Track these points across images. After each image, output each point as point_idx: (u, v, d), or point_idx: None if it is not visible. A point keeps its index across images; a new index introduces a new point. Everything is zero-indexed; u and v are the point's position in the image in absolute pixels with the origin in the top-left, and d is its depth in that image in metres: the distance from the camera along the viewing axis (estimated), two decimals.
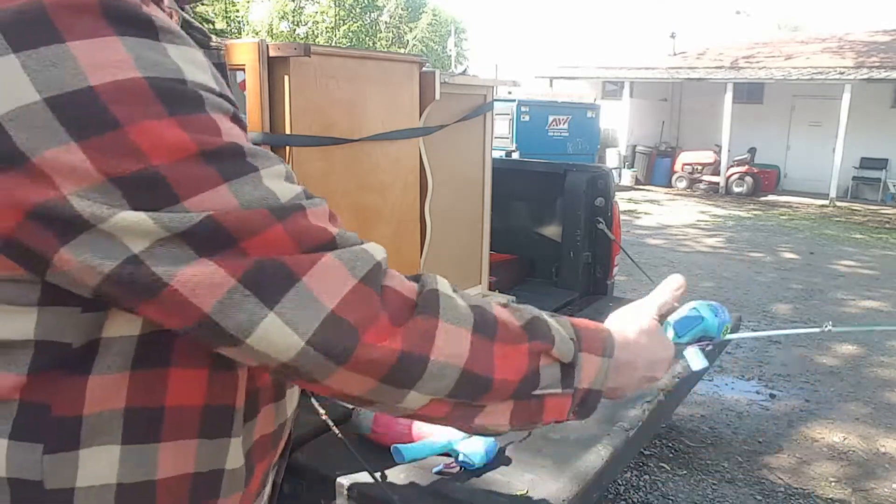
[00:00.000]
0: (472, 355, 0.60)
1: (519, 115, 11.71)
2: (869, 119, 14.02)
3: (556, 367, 0.67)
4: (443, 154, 2.67)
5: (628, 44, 22.56)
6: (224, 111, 0.55)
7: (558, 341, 0.66)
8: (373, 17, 24.62)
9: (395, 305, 0.57)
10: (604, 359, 0.71)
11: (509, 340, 0.63)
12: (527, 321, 0.66)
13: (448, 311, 0.60)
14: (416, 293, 0.60)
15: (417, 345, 0.57)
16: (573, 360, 0.68)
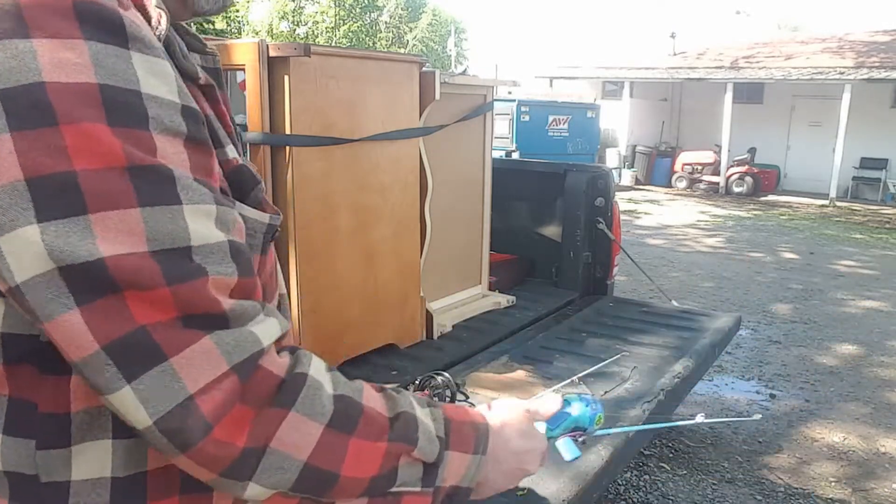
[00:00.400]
0: (319, 450, 0.58)
1: (519, 115, 11.71)
2: (869, 119, 14.02)
3: (419, 466, 0.65)
4: (443, 154, 2.67)
5: (628, 44, 22.57)
6: (174, 132, 0.54)
7: (422, 442, 0.65)
8: (373, 17, 24.61)
9: (257, 392, 0.55)
10: (475, 456, 0.70)
11: (369, 436, 0.61)
12: (396, 415, 0.64)
13: (306, 401, 0.57)
14: (286, 371, 0.58)
15: (261, 437, 0.55)
16: (437, 459, 0.66)
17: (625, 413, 2.01)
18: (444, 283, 2.84)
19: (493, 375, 2.32)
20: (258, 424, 0.55)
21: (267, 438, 0.55)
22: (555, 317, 3.07)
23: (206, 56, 0.80)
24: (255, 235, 0.65)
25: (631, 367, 2.38)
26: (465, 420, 0.71)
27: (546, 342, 2.69)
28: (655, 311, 3.25)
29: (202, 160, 0.57)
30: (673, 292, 5.60)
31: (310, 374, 0.59)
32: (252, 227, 0.64)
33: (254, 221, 0.64)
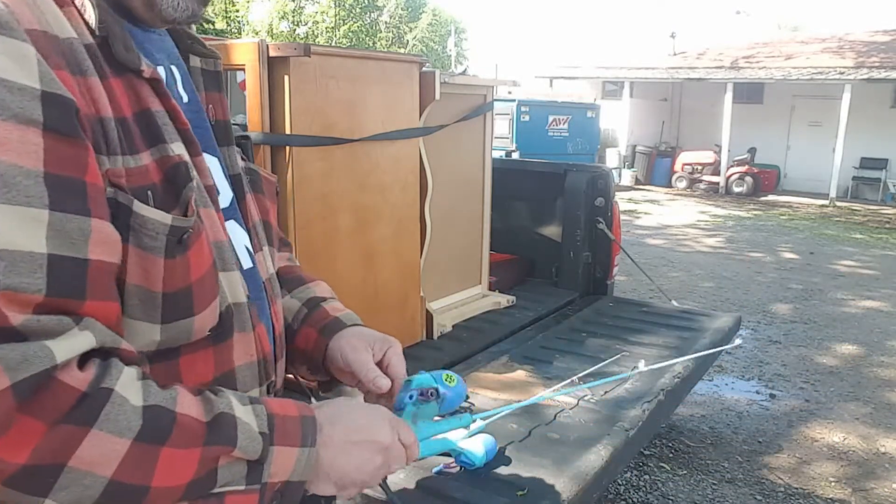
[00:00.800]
0: (125, 465, 0.56)
1: (519, 115, 11.71)
2: (869, 119, 14.02)
3: (242, 465, 0.64)
4: (443, 154, 2.67)
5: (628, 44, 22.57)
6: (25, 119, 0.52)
7: (243, 441, 0.64)
8: (373, 17, 24.61)
9: (49, 408, 0.53)
10: (303, 449, 0.68)
11: (182, 444, 0.60)
12: (213, 417, 0.63)
13: (109, 418, 0.55)
14: (89, 385, 0.55)
15: (54, 454, 0.53)
16: (262, 456, 0.65)
17: (625, 413, 2.01)
18: (444, 283, 2.84)
19: (493, 375, 2.32)
20: (50, 441, 0.52)
21: (64, 456, 0.53)
22: (555, 317, 3.07)
23: (207, 59, 0.81)
24: (157, 237, 0.62)
25: (631, 367, 2.38)
26: (289, 414, 0.69)
27: (546, 342, 2.69)
28: (655, 311, 3.25)
29: (69, 153, 0.55)
30: (673, 292, 5.60)
31: (115, 388, 0.56)
32: (153, 227, 0.62)
33: (154, 222, 0.62)
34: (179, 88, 0.75)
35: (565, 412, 2.01)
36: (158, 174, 0.64)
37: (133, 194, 0.61)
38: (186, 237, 0.64)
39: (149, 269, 0.62)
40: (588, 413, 2.02)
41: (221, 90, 0.83)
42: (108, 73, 0.62)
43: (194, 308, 0.66)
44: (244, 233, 0.81)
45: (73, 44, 0.60)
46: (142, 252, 0.62)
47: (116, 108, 0.62)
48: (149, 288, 0.63)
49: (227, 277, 0.72)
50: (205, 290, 0.68)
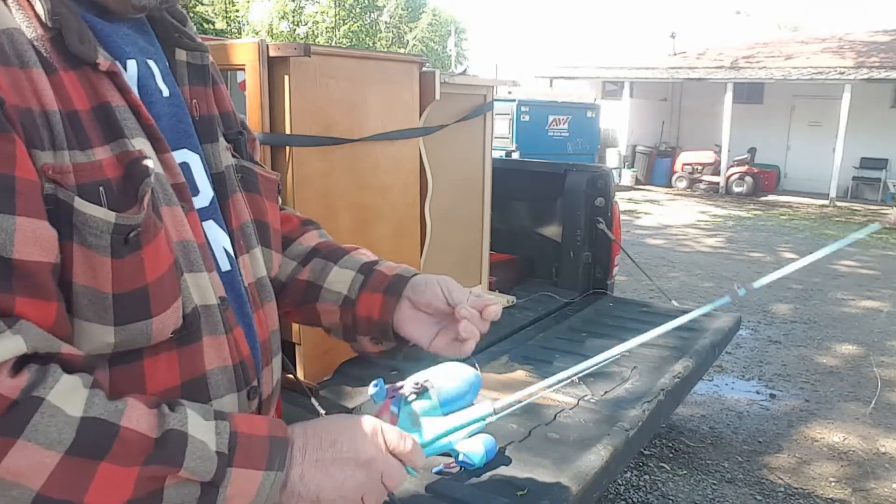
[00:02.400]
0: (55, 479, 0.53)
1: (519, 115, 11.71)
2: (869, 119, 14.02)
3: (194, 486, 0.60)
4: (443, 154, 2.67)
5: (628, 44, 22.55)
6: None
7: (191, 461, 0.59)
8: (373, 17, 24.61)
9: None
10: (268, 473, 0.64)
11: (122, 461, 0.56)
12: (163, 433, 0.59)
13: (39, 428, 0.53)
14: (20, 393, 0.53)
15: None
16: (216, 478, 0.61)
17: (625, 413, 2.01)
18: None
19: (493, 375, 2.32)
20: None
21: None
22: (555, 317, 3.07)
23: (193, 53, 0.79)
24: (101, 236, 0.59)
25: (631, 368, 2.38)
26: (257, 433, 0.65)
27: (546, 342, 2.69)
28: (655, 311, 3.25)
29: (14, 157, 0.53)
30: (673, 292, 5.60)
31: (48, 397, 0.54)
32: (96, 225, 0.59)
33: (97, 220, 0.59)
34: (158, 82, 0.72)
35: (565, 412, 2.01)
36: (117, 169, 0.62)
37: (80, 190, 0.59)
38: (134, 236, 0.61)
39: (96, 269, 0.60)
40: (588, 413, 2.02)
41: (207, 84, 0.81)
42: (56, 67, 0.60)
43: (152, 309, 0.63)
44: (224, 234, 0.77)
45: (13, 34, 0.58)
46: (87, 251, 0.59)
47: (65, 102, 0.60)
48: (97, 288, 0.60)
49: (193, 279, 0.68)
50: (163, 291, 0.64)
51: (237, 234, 0.80)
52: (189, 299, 0.67)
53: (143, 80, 0.70)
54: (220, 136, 0.81)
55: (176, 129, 0.73)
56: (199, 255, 0.70)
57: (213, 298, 0.71)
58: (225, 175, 0.79)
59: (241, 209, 0.82)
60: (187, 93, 0.77)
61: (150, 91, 0.70)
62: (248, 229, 0.82)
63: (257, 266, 0.83)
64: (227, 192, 0.79)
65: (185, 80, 0.78)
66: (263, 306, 0.82)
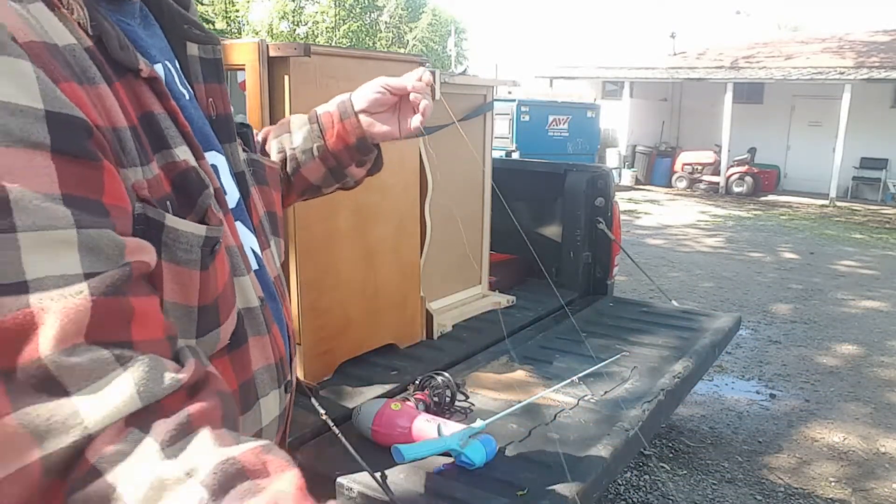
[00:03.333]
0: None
1: (519, 115, 11.71)
2: (869, 119, 14.02)
3: None
4: (443, 154, 2.67)
5: (628, 44, 22.55)
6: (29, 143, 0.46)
7: None
8: (373, 17, 24.61)
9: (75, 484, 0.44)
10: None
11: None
12: None
13: None
14: None
15: None
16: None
17: (624, 413, 2.01)
18: (444, 283, 2.84)
19: (493, 375, 2.32)
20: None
21: None
22: (555, 317, 3.07)
23: (205, 46, 0.74)
24: (191, 250, 0.58)
25: (631, 367, 2.38)
26: None
27: (546, 342, 2.69)
28: (655, 311, 3.25)
29: (83, 174, 0.49)
30: (673, 292, 5.60)
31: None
32: (187, 240, 0.58)
33: (188, 235, 0.58)
34: (179, 84, 0.68)
35: (565, 412, 2.01)
36: (168, 183, 0.59)
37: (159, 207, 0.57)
38: (217, 247, 0.61)
39: (185, 284, 0.58)
40: (588, 413, 2.01)
41: (222, 80, 0.76)
42: (111, 77, 0.56)
43: (220, 318, 0.63)
44: (251, 234, 0.76)
45: (76, 50, 0.53)
46: (177, 267, 0.57)
47: (127, 116, 0.57)
48: (186, 304, 0.59)
49: (238, 282, 0.68)
50: (228, 298, 0.64)
51: (259, 230, 0.79)
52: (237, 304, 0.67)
53: (169, 85, 0.66)
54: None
55: (202, 132, 0.70)
56: (239, 258, 0.69)
57: (255, 300, 0.70)
58: (244, 173, 0.79)
59: (258, 203, 0.82)
60: (202, 91, 0.73)
61: (176, 95, 0.66)
62: (265, 223, 0.82)
63: (275, 259, 0.83)
64: (248, 190, 0.79)
65: (199, 78, 0.73)
66: (285, 299, 0.83)
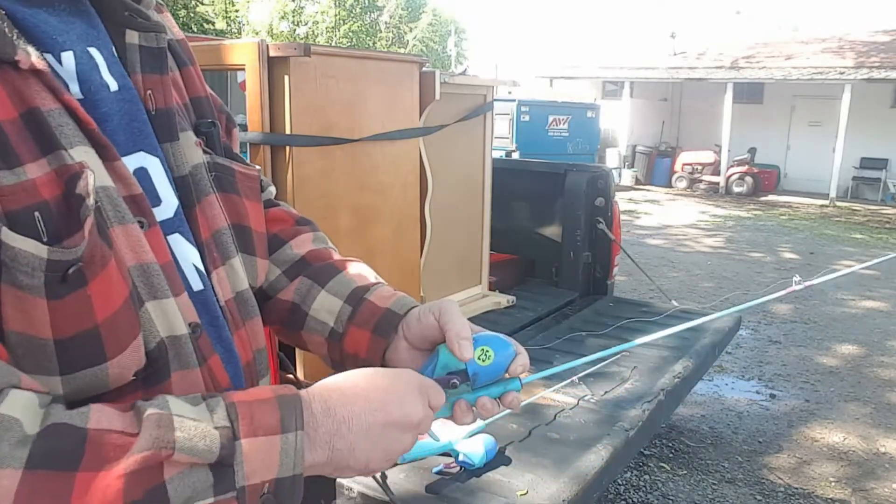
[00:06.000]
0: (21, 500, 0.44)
1: (519, 115, 11.71)
2: (869, 119, 14.02)
3: (202, 472, 0.50)
4: (443, 154, 2.67)
5: (628, 44, 22.48)
6: None
7: (183, 441, 0.49)
8: (373, 17, 24.61)
9: None
10: (285, 436, 0.54)
11: (100, 464, 0.47)
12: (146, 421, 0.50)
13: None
14: None
15: None
16: (224, 456, 0.51)
17: (625, 413, 2.01)
18: (444, 283, 2.84)
19: None
20: None
21: None
22: (555, 317, 3.07)
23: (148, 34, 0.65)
24: (33, 274, 0.49)
25: (631, 368, 2.38)
26: (259, 398, 0.55)
27: (546, 342, 2.69)
28: (655, 311, 3.25)
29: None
30: (673, 292, 5.60)
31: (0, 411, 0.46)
32: (27, 262, 0.48)
33: (26, 255, 0.48)
34: (104, 75, 0.60)
35: (565, 412, 2.01)
36: (57, 188, 0.51)
37: (11, 218, 0.48)
38: (75, 271, 0.50)
39: (30, 313, 0.49)
40: (588, 413, 2.01)
41: (164, 70, 0.67)
42: None
43: (106, 353, 0.53)
44: (193, 248, 0.66)
45: None
46: (17, 292, 0.48)
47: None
48: (35, 335, 0.50)
49: (158, 307, 0.58)
50: (118, 329, 0.54)
51: (210, 245, 0.69)
52: (153, 333, 0.57)
53: (84, 74, 0.58)
54: (188, 129, 0.70)
55: (129, 130, 0.62)
56: (163, 277, 0.59)
57: (182, 328, 0.60)
58: (190, 178, 0.68)
59: (215, 214, 0.71)
60: (140, 83, 0.64)
61: (94, 86, 0.59)
62: (223, 237, 0.71)
63: (236, 279, 0.72)
64: (195, 198, 0.68)
65: (136, 68, 0.64)
66: (245, 324, 0.72)
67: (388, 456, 0.62)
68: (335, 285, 0.81)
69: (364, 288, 0.80)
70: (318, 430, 0.57)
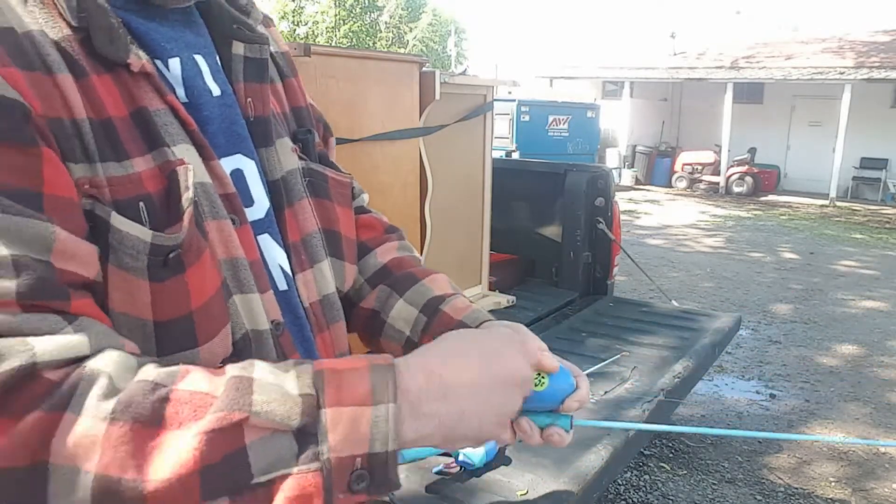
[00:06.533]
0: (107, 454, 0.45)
1: (519, 115, 11.71)
2: (869, 119, 14.02)
3: (285, 439, 0.48)
4: (443, 154, 2.67)
5: (628, 44, 22.50)
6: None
7: (261, 403, 0.48)
8: (373, 17, 24.61)
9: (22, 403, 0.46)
10: (376, 407, 0.50)
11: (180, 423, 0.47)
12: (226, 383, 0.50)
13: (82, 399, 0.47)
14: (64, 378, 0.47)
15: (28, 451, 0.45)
16: (306, 423, 0.49)
17: (624, 413, 2.01)
18: None
19: None
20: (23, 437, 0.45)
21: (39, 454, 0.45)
22: (555, 317, 3.07)
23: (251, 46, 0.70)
24: (137, 257, 0.53)
25: (631, 368, 2.38)
26: (349, 367, 0.53)
27: (546, 342, 2.69)
28: (655, 311, 3.25)
29: (16, 162, 0.48)
30: (673, 292, 5.60)
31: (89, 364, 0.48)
32: (132, 245, 0.53)
33: (133, 239, 0.53)
34: (207, 81, 0.65)
35: None
36: (160, 182, 0.56)
37: (118, 207, 0.53)
38: (175, 257, 0.55)
39: (133, 294, 0.54)
40: (588, 413, 2.02)
41: (265, 80, 0.71)
42: (87, 70, 0.55)
43: (198, 338, 0.57)
44: (281, 249, 0.70)
45: (34, 37, 0.52)
46: (124, 274, 0.53)
47: (97, 109, 0.54)
48: (137, 316, 0.54)
49: (244, 301, 0.62)
50: (210, 317, 0.58)
51: (298, 248, 0.72)
52: (239, 324, 0.61)
53: (189, 80, 0.63)
54: (285, 136, 0.74)
55: (229, 133, 0.66)
56: (250, 273, 0.62)
57: (264, 323, 0.63)
58: (283, 182, 0.71)
59: (306, 218, 0.74)
60: (242, 90, 0.69)
61: (198, 91, 0.63)
62: (313, 240, 0.74)
63: (323, 282, 0.74)
64: (286, 202, 0.71)
65: (239, 77, 0.69)
66: (330, 328, 0.74)
67: (500, 418, 0.59)
68: (413, 295, 0.83)
69: (440, 298, 0.82)
70: (421, 399, 0.53)
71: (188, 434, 0.47)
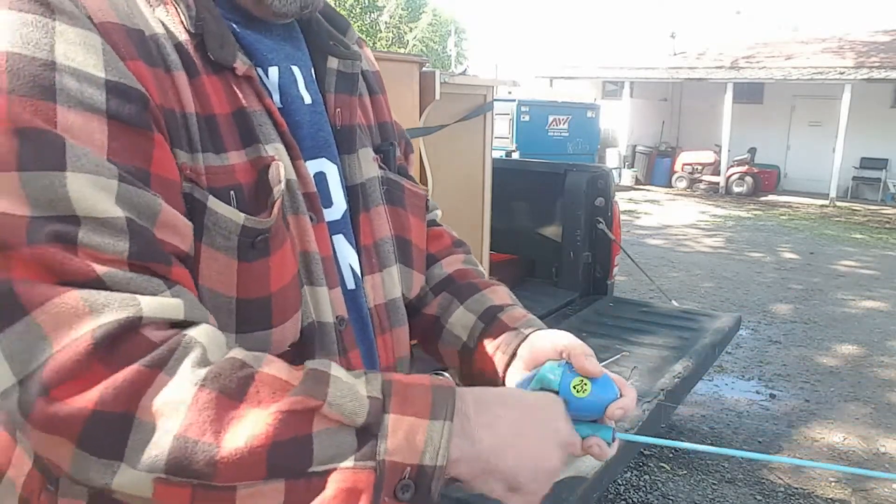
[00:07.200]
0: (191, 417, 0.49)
1: (519, 115, 11.70)
2: (869, 119, 14.03)
3: (348, 433, 0.52)
4: (443, 154, 2.68)
5: (628, 44, 22.49)
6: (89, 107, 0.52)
7: (335, 398, 0.52)
8: (373, 18, 24.62)
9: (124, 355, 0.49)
10: (433, 422, 0.54)
11: (260, 401, 0.51)
12: (304, 374, 0.54)
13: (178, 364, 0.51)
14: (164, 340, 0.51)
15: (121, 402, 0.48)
16: (370, 422, 0.53)
17: None
18: None
19: None
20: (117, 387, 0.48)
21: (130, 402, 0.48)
22: (555, 317, 3.07)
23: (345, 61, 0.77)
24: (229, 237, 0.59)
25: (631, 368, 2.38)
26: (415, 382, 0.57)
27: None
28: (655, 311, 3.25)
29: (133, 142, 0.54)
30: (673, 292, 5.61)
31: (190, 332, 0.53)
32: (225, 226, 0.59)
33: (227, 220, 0.59)
34: (301, 89, 0.71)
35: None
36: (251, 175, 0.62)
37: (211, 193, 0.59)
38: (262, 241, 0.60)
39: (222, 272, 0.59)
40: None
41: (354, 93, 0.78)
42: (200, 71, 0.61)
43: (272, 320, 0.62)
44: (353, 251, 0.74)
45: (159, 39, 0.59)
46: (215, 252, 0.59)
47: (204, 105, 0.61)
48: (223, 292, 0.60)
49: (313, 293, 0.66)
50: (286, 301, 0.63)
51: (370, 251, 0.76)
52: (307, 313, 0.66)
53: (284, 87, 0.69)
54: (368, 146, 0.79)
55: (315, 138, 0.71)
56: (321, 268, 0.67)
57: (329, 316, 0.67)
58: (361, 188, 0.76)
59: (381, 224, 0.78)
60: (332, 101, 0.75)
61: (291, 98, 0.70)
62: (385, 245, 0.78)
63: (390, 286, 0.78)
64: (362, 207, 0.76)
65: (331, 88, 0.75)
66: (392, 330, 0.78)
67: (536, 471, 0.60)
68: (472, 303, 0.85)
69: (498, 307, 0.84)
70: (470, 421, 0.58)
71: (266, 412, 0.50)
